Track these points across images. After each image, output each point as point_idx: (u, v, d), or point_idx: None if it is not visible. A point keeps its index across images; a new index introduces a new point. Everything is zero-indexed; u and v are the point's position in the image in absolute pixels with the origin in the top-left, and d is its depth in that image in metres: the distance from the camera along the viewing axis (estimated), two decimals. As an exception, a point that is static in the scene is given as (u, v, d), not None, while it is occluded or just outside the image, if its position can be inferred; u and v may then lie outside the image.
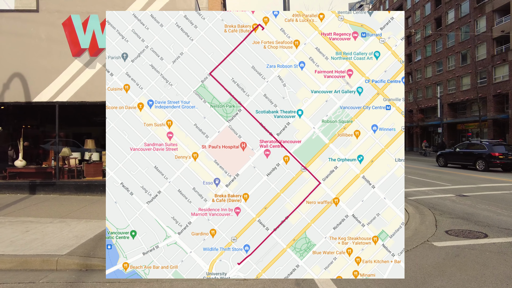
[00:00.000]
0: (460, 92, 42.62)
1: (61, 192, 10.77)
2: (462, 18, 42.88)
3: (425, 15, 50.78)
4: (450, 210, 9.60)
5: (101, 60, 10.71)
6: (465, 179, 16.80)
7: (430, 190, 13.23)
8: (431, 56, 49.15)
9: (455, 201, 10.98)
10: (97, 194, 10.80)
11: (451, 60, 44.93)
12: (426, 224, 8.03)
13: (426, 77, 50.47)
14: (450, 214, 9.03)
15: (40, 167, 11.54)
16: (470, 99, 40.31)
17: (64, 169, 11.39)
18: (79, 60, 10.69)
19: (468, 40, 41.57)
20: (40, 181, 10.88)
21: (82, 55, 10.68)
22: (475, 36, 40.33)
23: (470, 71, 40.82)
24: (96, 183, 10.90)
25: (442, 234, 7.27)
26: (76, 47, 10.64)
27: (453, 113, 44.82)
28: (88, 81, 10.75)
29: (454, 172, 19.99)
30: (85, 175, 11.38)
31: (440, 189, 13.61)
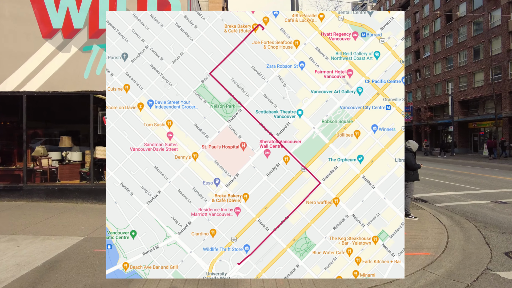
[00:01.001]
0: (472, 89, 42.65)
1: (29, 198, 9.66)
2: (474, 11, 42.94)
3: (434, 9, 50.86)
4: (494, 221, 8.42)
5: (77, 42, 9.65)
6: (493, 181, 15.60)
7: (459, 195, 12.15)
8: (441, 52, 49.20)
9: (494, 209, 9.85)
10: (71, 200, 9.75)
11: (463, 55, 44.96)
12: (473, 241, 6.82)
13: (435, 74, 50.52)
14: (498, 228, 7.83)
15: (6, 168, 10.35)
16: (484, 96, 40.30)
17: (36, 171, 10.30)
18: (51, 42, 9.61)
19: (481, 34, 41.57)
20: (4, 186, 9.75)
21: (54, 36, 9.60)
22: (489, 30, 40.36)
23: (483, 67, 40.83)
24: (70, 187, 9.86)
25: (503, 257, 5.91)
26: (47, 27, 9.54)
27: (465, 111, 44.86)
28: (62, 68, 9.64)
29: (476, 174, 18.98)
30: (59, 178, 10.26)
31: (470, 193, 12.49)
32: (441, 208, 10.01)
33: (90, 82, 9.81)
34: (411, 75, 56.64)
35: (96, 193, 9.91)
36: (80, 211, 8.81)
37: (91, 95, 9.87)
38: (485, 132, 41.60)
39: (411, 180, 8.63)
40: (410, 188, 8.68)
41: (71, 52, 9.75)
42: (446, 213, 9.44)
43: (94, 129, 10.06)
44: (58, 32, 9.68)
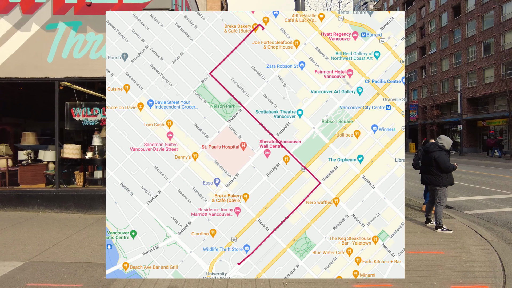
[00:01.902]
0: (482, 86, 42.76)
1: (-20, 206, 8.67)
2: (484, 4, 43.04)
3: (441, 4, 50.96)
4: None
5: (39, 19, 8.58)
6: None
7: (488, 201, 11.33)
8: (448, 48, 49.34)
9: (541, 218, 8.90)
10: (32, 209, 8.74)
11: (472, 51, 45.10)
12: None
13: (441, 70, 50.67)
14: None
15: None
16: (494, 93, 40.38)
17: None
18: (7, 19, 8.64)
19: (492, 28, 41.67)
20: None
21: (11, 12, 8.60)
22: (500, 23, 40.41)
23: (494, 62, 40.92)
24: (31, 193, 8.79)
25: None
26: (2, 0, 8.62)
27: (473, 109, 45.01)
28: (21, 50, 8.66)
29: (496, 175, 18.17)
30: (20, 182, 9.31)
31: (501, 198, 11.71)
32: (473, 217, 9.20)
33: (55, 67, 8.86)
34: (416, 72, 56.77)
35: (63, 199, 8.92)
36: (37, 223, 7.83)
37: (57, 82, 8.93)
38: (495, 131, 41.70)
39: (445, 185, 7.74)
40: (444, 195, 7.73)
41: (32, 31, 8.70)
42: (482, 223, 8.53)
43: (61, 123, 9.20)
44: (15, 7, 8.63)
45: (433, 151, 7.90)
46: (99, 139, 9.83)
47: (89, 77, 9.10)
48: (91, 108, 9.41)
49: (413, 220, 8.71)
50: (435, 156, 7.80)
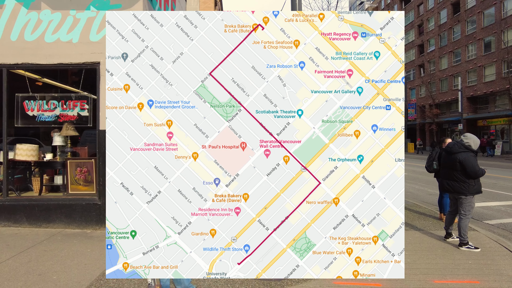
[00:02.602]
0: (482, 84, 43.06)
1: None
2: (485, 0, 43.35)
3: (440, 0, 51.28)
4: None
5: None
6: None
7: (508, 207, 10.48)
8: (447, 46, 49.65)
9: None
10: None
11: (472, 48, 45.41)
12: None
13: (440, 69, 50.97)
14: None
15: None
16: (495, 91, 40.67)
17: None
18: None
19: (493, 25, 41.97)
20: None
21: None
22: (502, 19, 40.70)
23: (495, 60, 41.21)
24: None
25: None
26: None
27: (473, 108, 45.33)
28: None
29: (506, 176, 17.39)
30: None
31: None
32: (496, 228, 8.31)
33: (3, 51, 7.89)
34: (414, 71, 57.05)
35: (11, 210, 7.84)
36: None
37: (4, 69, 7.95)
38: (496, 130, 42.03)
39: (472, 194, 6.65)
40: (470, 205, 6.63)
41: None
42: (510, 236, 7.64)
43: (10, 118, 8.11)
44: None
45: (458, 152, 6.77)
46: (60, 138, 8.76)
47: (44, 63, 8.01)
48: (48, 101, 8.27)
49: (430, 234, 7.64)
50: (460, 159, 6.69)
